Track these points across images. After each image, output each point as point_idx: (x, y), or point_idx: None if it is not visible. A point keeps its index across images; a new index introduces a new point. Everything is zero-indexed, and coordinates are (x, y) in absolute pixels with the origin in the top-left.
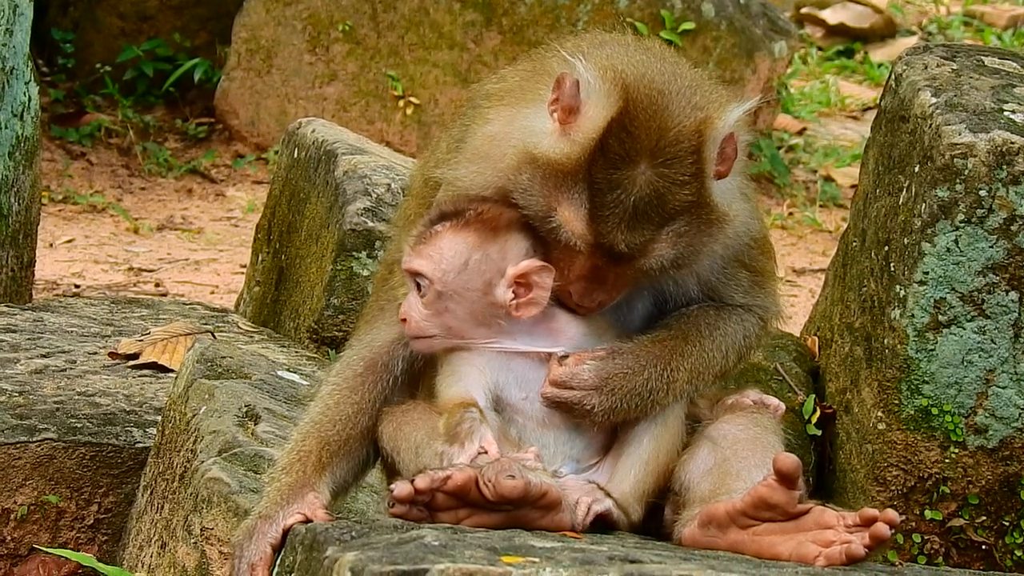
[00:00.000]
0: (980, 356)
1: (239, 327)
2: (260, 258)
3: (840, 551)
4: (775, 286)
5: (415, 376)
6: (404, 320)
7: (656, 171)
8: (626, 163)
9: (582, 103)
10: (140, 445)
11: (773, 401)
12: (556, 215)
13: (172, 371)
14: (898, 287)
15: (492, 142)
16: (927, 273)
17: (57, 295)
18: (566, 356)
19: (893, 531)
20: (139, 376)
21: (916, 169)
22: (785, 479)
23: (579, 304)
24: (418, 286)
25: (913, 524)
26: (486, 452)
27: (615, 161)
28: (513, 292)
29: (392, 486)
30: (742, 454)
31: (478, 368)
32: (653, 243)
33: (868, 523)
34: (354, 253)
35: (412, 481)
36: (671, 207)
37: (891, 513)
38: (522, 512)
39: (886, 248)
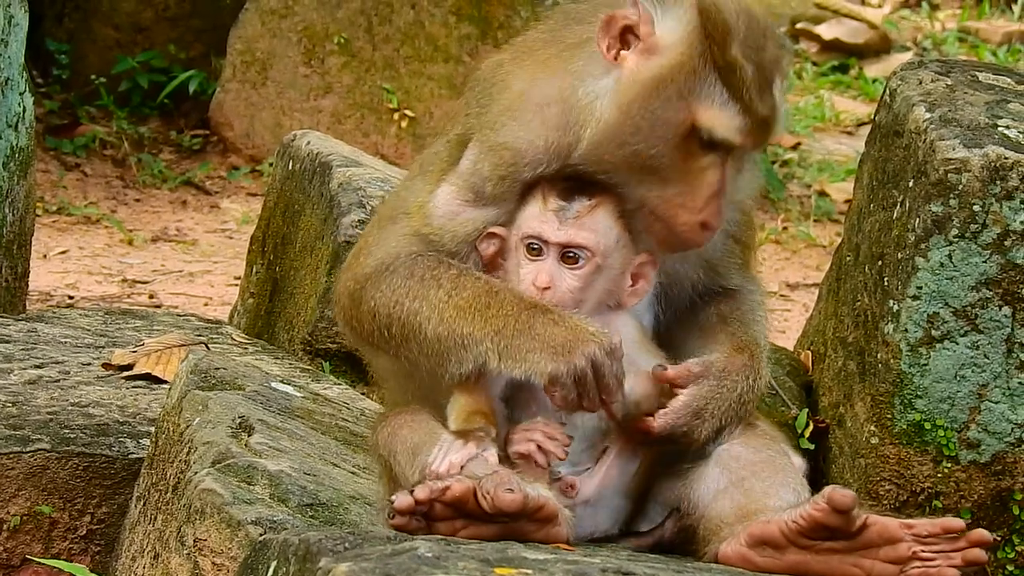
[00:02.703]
0: (973, 371)
1: (233, 339)
2: (254, 270)
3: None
4: (756, 260)
5: None
6: (547, 288)
7: (750, 34)
8: (731, 37)
9: (654, 14)
10: (133, 456)
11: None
12: (699, 120)
13: (166, 382)
14: (891, 301)
15: (528, 99)
16: (920, 288)
17: (51, 306)
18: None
19: (988, 552)
20: (133, 387)
21: (910, 184)
22: (840, 512)
23: (712, 228)
24: (570, 256)
25: None
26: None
27: (722, 41)
28: (632, 280)
29: (392, 497)
30: (762, 475)
31: None
32: (779, 103)
33: (951, 537)
34: None
35: (411, 492)
36: (772, 63)
37: (983, 532)
38: (518, 524)
39: (880, 263)
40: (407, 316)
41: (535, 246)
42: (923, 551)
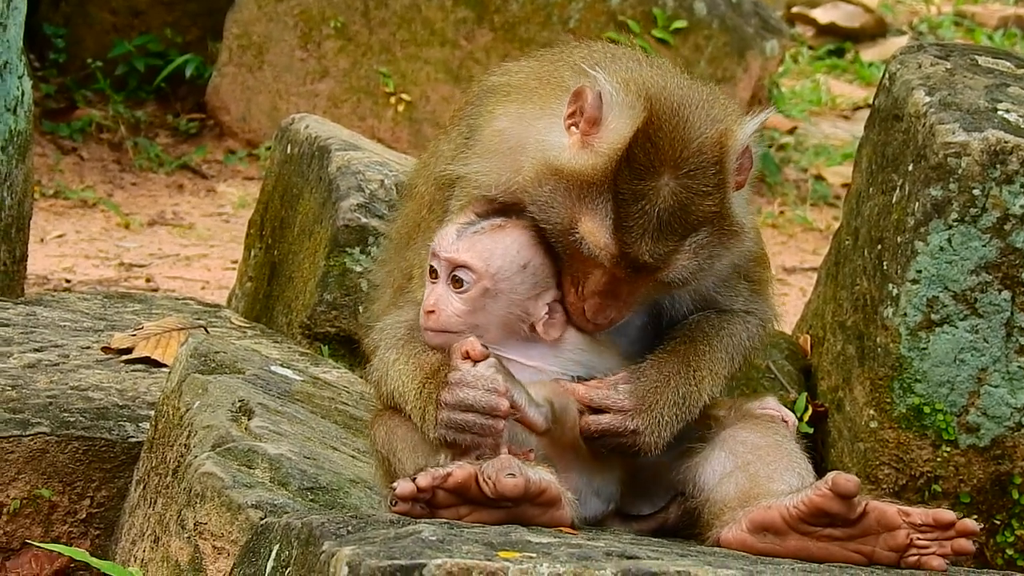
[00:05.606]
0: (972, 355)
1: (232, 322)
2: (252, 253)
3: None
4: (771, 292)
5: None
6: (431, 312)
7: (680, 182)
8: (651, 174)
9: (604, 114)
10: (133, 440)
11: (791, 417)
12: (579, 227)
13: (165, 366)
14: (891, 285)
15: (503, 141)
16: (920, 272)
17: (48, 290)
18: (583, 380)
19: (976, 543)
20: (132, 371)
21: (910, 168)
22: (843, 497)
23: (592, 321)
24: (457, 279)
25: None
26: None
27: (640, 172)
28: (548, 310)
29: (394, 484)
30: (767, 459)
31: None
32: (676, 254)
33: (943, 527)
34: (347, 249)
35: (414, 479)
36: (694, 218)
37: (970, 523)
38: (522, 509)
39: (879, 246)
40: (389, 396)
41: (433, 267)
42: (919, 539)
